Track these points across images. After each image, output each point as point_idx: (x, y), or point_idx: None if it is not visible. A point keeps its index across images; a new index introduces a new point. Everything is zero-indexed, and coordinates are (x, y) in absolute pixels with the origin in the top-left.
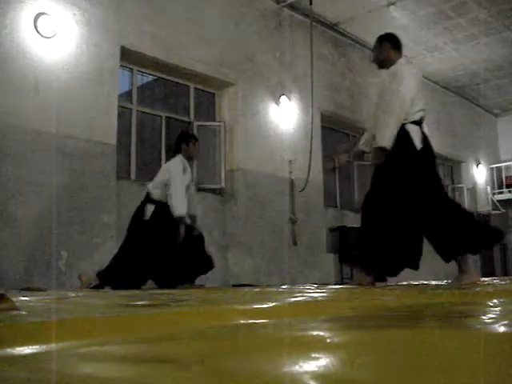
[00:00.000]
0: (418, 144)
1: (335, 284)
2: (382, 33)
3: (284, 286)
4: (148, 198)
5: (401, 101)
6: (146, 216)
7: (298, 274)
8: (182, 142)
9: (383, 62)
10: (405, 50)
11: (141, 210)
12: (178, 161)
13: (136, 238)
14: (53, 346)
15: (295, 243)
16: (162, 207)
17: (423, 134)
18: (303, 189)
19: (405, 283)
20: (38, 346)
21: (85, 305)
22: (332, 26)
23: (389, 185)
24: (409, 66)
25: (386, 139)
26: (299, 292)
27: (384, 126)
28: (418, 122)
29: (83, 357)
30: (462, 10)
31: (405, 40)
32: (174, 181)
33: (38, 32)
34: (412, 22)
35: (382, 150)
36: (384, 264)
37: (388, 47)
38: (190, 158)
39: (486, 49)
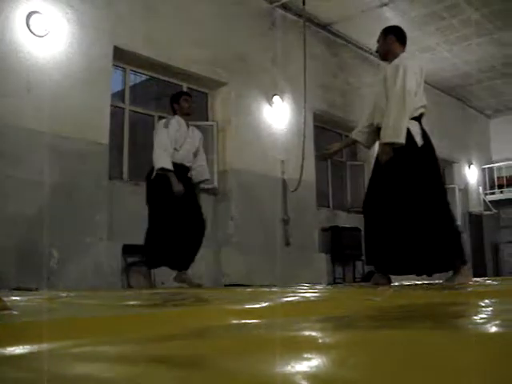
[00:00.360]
0: (419, 141)
1: (328, 284)
2: (374, 33)
3: (276, 286)
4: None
5: (407, 95)
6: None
7: (290, 273)
8: (173, 102)
9: (386, 55)
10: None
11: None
12: (165, 120)
13: (150, 202)
14: (45, 345)
15: (288, 243)
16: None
17: (423, 130)
18: (296, 189)
19: (397, 284)
20: (29, 346)
21: (77, 305)
22: (325, 26)
23: (390, 183)
24: (412, 60)
25: (401, 135)
26: (291, 292)
27: (395, 120)
28: (418, 119)
29: (75, 357)
30: (454, 11)
31: None
32: (156, 136)
33: (31, 31)
34: (404, 23)
35: (391, 145)
36: (387, 262)
37: (393, 40)
38: (187, 115)
39: (479, 50)
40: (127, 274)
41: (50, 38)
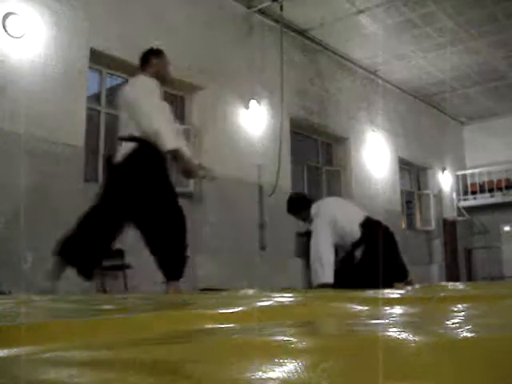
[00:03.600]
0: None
1: (303, 288)
2: (351, 40)
3: (252, 291)
4: None
5: None
6: None
7: (266, 278)
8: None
9: None
10: (373, 58)
11: None
12: None
13: None
14: (16, 350)
15: (264, 248)
16: None
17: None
18: (272, 193)
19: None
20: (0, 351)
21: (49, 309)
22: (302, 32)
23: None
24: None
25: None
26: (266, 296)
27: None
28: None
29: (47, 362)
30: (429, 19)
31: (373, 48)
32: None
33: (7, 32)
34: (381, 30)
35: None
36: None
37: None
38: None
39: (453, 58)
40: (101, 278)
41: (26, 40)
